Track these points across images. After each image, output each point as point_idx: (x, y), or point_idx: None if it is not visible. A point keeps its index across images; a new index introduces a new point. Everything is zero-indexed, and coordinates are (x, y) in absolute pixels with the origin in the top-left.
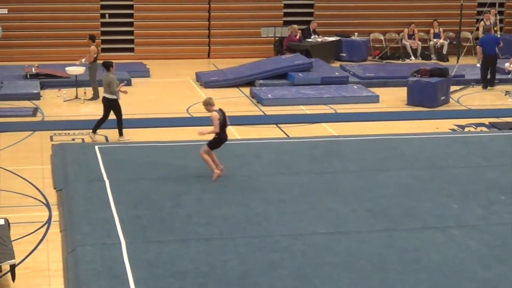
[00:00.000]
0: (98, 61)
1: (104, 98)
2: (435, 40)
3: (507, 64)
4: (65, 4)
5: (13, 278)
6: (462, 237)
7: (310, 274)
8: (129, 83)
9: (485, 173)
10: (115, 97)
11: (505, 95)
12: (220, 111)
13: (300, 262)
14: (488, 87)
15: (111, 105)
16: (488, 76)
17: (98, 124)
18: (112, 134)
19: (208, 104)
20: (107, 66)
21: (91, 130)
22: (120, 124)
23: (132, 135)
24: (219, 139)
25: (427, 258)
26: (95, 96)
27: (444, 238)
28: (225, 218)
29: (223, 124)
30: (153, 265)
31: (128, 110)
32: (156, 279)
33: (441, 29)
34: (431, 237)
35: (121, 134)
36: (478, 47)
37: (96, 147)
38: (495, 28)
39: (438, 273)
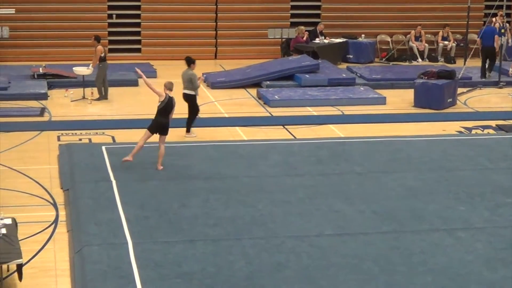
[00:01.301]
0: (108, 61)
1: (184, 94)
2: (444, 42)
3: (511, 69)
4: (73, 4)
5: (20, 278)
6: (469, 240)
7: (316, 275)
8: (135, 84)
9: (491, 176)
10: (193, 93)
11: None
12: (171, 99)
13: (306, 264)
14: (487, 74)
15: (189, 100)
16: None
17: (189, 123)
18: (119, 134)
19: (166, 87)
20: (189, 62)
21: (102, 130)
22: (190, 121)
23: (138, 135)
24: (157, 122)
25: (433, 260)
26: (101, 96)
27: (451, 240)
28: (232, 219)
29: (164, 108)
30: (160, 266)
31: (135, 111)
32: (162, 279)
33: (450, 32)
34: (438, 239)
35: (188, 130)
36: (478, 39)
37: (103, 147)
38: (502, 31)
39: (444, 275)
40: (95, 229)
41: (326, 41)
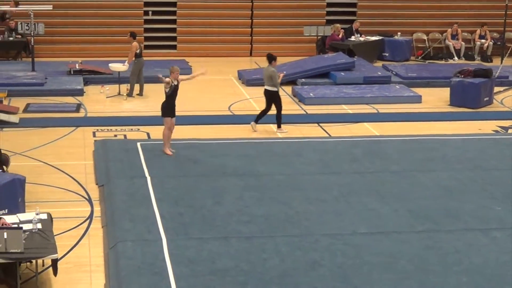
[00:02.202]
0: (144, 58)
1: (265, 90)
2: (481, 41)
3: None
4: (109, 1)
5: (55, 273)
6: (505, 240)
7: (350, 274)
8: None
9: None
10: (276, 89)
11: None
12: (177, 84)
13: (340, 262)
14: None
15: (272, 97)
16: None
17: (260, 115)
18: (154, 130)
19: (171, 71)
20: (270, 59)
21: (137, 127)
22: (279, 117)
23: (174, 132)
24: (172, 106)
25: (468, 260)
26: (131, 92)
27: (486, 240)
28: (266, 216)
29: (174, 93)
30: (194, 262)
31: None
32: (196, 276)
33: (487, 30)
34: (473, 239)
35: (279, 126)
36: None
37: (138, 143)
38: None
39: (480, 275)
40: (130, 225)
41: (361, 39)
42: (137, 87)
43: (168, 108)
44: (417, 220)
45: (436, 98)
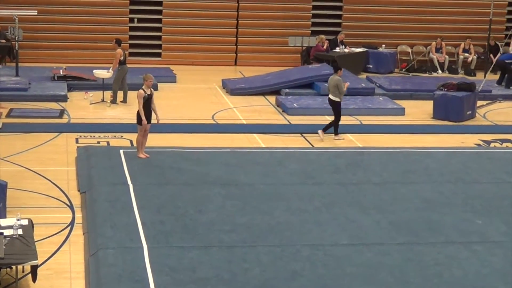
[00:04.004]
0: (128, 65)
1: (329, 99)
2: (465, 54)
3: None
4: (94, 7)
5: (34, 279)
6: (485, 253)
7: (331, 285)
8: (155, 88)
9: (509, 189)
10: (339, 99)
11: None
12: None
13: (321, 273)
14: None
15: (333, 106)
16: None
17: (333, 126)
18: (136, 138)
19: (145, 78)
20: (335, 68)
21: (120, 134)
22: (336, 125)
23: (156, 140)
24: (150, 112)
25: (449, 273)
26: (115, 99)
27: (467, 253)
28: (248, 226)
29: (150, 99)
30: (175, 271)
31: (154, 115)
32: (177, 284)
33: (471, 44)
34: (454, 252)
35: (336, 133)
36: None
37: (121, 151)
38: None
39: None
40: (111, 232)
41: (346, 50)
42: (121, 94)
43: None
44: (398, 232)
45: (419, 110)
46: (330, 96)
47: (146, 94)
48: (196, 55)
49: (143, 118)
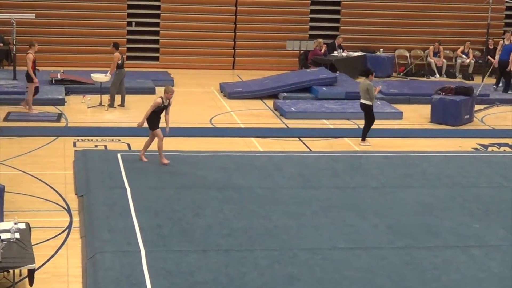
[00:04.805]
0: (125, 69)
1: (361, 104)
2: (463, 57)
3: None
4: (92, 11)
5: (31, 283)
6: (483, 257)
7: None
8: (153, 92)
9: (507, 193)
10: (370, 103)
11: None
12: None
13: (319, 277)
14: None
15: (366, 110)
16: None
17: (365, 131)
18: (135, 142)
19: (166, 90)
20: (366, 73)
21: (118, 138)
22: (366, 130)
23: (154, 143)
24: (159, 119)
25: (446, 277)
26: (113, 103)
27: (464, 258)
28: (245, 230)
29: (160, 110)
30: (172, 275)
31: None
32: None
33: (470, 48)
34: (451, 256)
35: (363, 139)
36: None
37: (119, 154)
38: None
39: None
40: (109, 236)
41: (344, 54)
42: (118, 98)
43: (154, 121)
44: (396, 236)
45: (417, 114)
46: (362, 101)
47: (162, 105)
48: (194, 59)
49: (146, 123)
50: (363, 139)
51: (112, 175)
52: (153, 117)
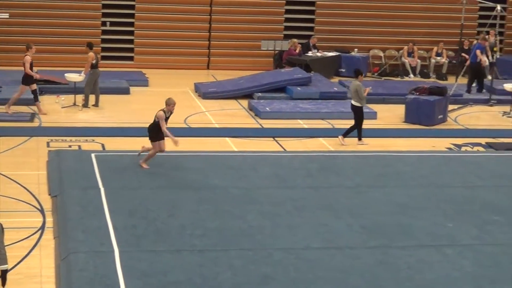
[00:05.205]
0: (100, 69)
1: (351, 105)
2: (437, 58)
3: (505, 85)
4: (67, 11)
5: (3, 284)
6: (456, 257)
7: None
8: (127, 92)
9: (480, 193)
10: (360, 104)
11: (503, 115)
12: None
13: (293, 277)
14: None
15: (355, 111)
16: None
17: (350, 130)
18: (109, 142)
19: (168, 103)
20: (356, 73)
21: (92, 138)
22: (359, 129)
23: (128, 143)
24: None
25: (420, 276)
26: (87, 103)
27: (438, 257)
28: (220, 230)
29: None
30: (146, 275)
31: (127, 119)
32: None
33: (444, 49)
34: (425, 255)
35: (359, 138)
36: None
37: (93, 154)
38: (494, 49)
39: None
40: (82, 237)
41: (319, 54)
42: (93, 98)
43: (156, 132)
44: (370, 235)
45: (391, 114)
46: (352, 102)
47: (165, 116)
48: (168, 59)
49: (169, 135)
50: (360, 139)
51: (86, 176)
52: (156, 129)
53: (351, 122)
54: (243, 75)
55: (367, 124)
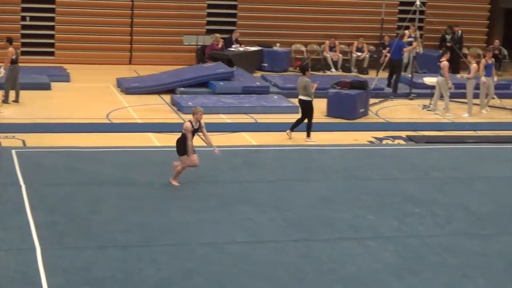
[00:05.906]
0: (20, 64)
1: (300, 100)
2: (358, 53)
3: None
4: None
5: None
6: (377, 249)
7: (227, 283)
8: (47, 87)
9: (400, 186)
10: (309, 99)
11: (423, 109)
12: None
13: (217, 271)
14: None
15: (305, 106)
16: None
17: (296, 124)
18: (30, 138)
19: (194, 112)
20: (303, 70)
21: (12, 134)
22: (309, 126)
23: (50, 139)
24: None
25: (342, 269)
26: (7, 99)
27: (360, 249)
28: (143, 225)
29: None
30: (69, 272)
31: (47, 115)
32: (71, 286)
33: (364, 43)
34: (347, 248)
35: (308, 135)
36: (384, 50)
37: (13, 151)
38: (415, 44)
39: (353, 284)
40: (3, 234)
41: (241, 49)
42: (13, 93)
43: (184, 145)
44: (293, 229)
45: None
46: (300, 97)
47: (193, 128)
48: (90, 54)
49: (189, 152)
50: (308, 135)
51: (6, 172)
52: (183, 142)
53: (273, 116)
54: (166, 70)
55: (289, 118)
